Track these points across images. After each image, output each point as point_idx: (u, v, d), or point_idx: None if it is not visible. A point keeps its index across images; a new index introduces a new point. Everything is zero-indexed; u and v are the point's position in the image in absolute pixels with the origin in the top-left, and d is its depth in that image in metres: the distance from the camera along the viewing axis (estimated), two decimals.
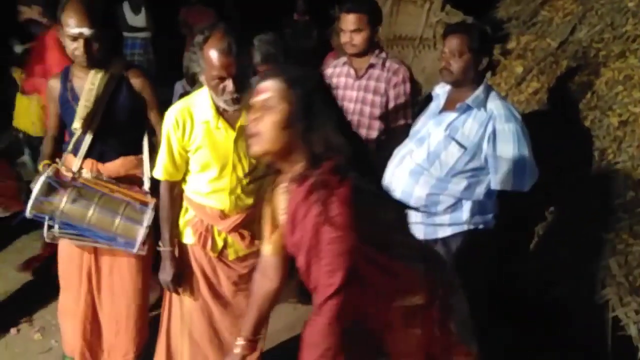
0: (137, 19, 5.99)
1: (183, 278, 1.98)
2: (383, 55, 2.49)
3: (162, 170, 1.89)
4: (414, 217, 2.12)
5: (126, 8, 6.00)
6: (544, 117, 2.82)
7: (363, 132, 2.43)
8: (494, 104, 2.10)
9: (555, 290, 2.30)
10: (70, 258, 2.19)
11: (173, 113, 1.83)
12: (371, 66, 2.46)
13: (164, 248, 1.96)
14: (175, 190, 1.95)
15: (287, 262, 1.51)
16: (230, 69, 1.68)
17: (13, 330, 2.78)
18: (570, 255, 2.34)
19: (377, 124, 2.46)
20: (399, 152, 2.25)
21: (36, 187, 1.92)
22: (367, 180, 1.29)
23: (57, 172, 2.02)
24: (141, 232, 1.98)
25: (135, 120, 2.09)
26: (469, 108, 2.10)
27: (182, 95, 5.53)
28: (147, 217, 2.00)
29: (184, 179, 1.94)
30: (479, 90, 2.11)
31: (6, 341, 2.70)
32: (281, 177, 1.38)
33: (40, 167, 2.08)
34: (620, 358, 2.14)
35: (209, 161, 1.82)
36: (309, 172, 1.25)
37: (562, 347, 2.32)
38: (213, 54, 1.67)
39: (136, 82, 2.06)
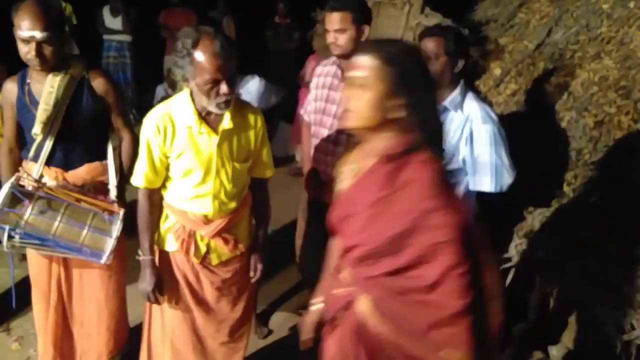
0: (114, 22, 5.97)
1: (164, 286, 1.95)
2: None
3: (142, 178, 1.85)
4: None
5: (106, 11, 5.98)
6: (522, 118, 2.86)
7: (344, 137, 2.35)
8: (471, 106, 2.11)
9: (537, 289, 2.33)
10: (39, 267, 2.15)
11: (153, 118, 1.78)
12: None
13: (144, 257, 1.91)
14: (155, 197, 1.91)
15: None
16: (224, 71, 1.65)
17: None
18: (549, 253, 2.36)
19: None
20: None
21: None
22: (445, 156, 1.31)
23: (19, 181, 1.95)
24: (110, 244, 1.95)
25: (98, 124, 2.04)
26: (446, 110, 2.12)
27: (163, 98, 5.51)
28: (116, 228, 1.96)
29: (163, 186, 1.90)
30: (456, 92, 2.13)
31: None
32: (359, 145, 1.39)
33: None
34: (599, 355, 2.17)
35: (192, 167, 1.80)
36: (401, 152, 1.25)
37: (541, 344, 2.35)
38: (206, 58, 1.63)
39: (98, 84, 2.00)
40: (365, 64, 1.28)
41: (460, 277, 1.22)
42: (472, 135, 2.08)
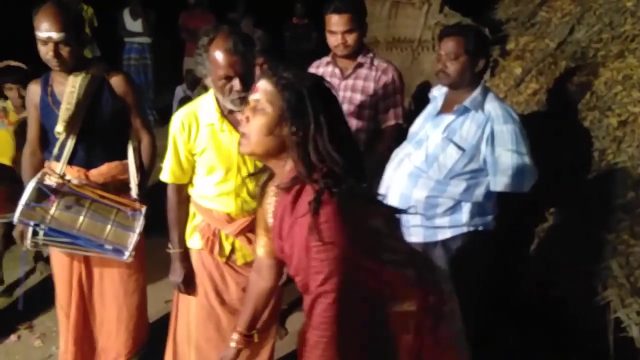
0: (135, 25, 6.05)
1: (193, 280, 1.99)
2: (370, 54, 2.42)
3: (169, 173, 1.91)
4: (412, 220, 2.11)
5: (126, 14, 6.06)
6: (543, 118, 2.81)
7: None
8: (492, 105, 2.09)
9: (556, 292, 2.29)
10: (61, 266, 2.19)
11: (179, 117, 1.85)
12: (359, 65, 2.38)
13: (174, 250, 1.97)
14: (183, 193, 1.96)
15: (281, 263, 1.51)
16: (237, 68, 1.69)
17: (13, 337, 2.79)
18: (571, 256, 2.32)
19: (365, 125, 2.39)
20: (397, 155, 2.24)
21: (26, 193, 1.92)
22: (359, 186, 1.27)
23: (44, 178, 2.00)
24: (133, 239, 1.98)
25: (118, 124, 2.09)
26: (466, 110, 2.10)
27: (182, 99, 5.59)
28: (139, 224, 2.00)
29: (191, 183, 1.95)
30: (477, 92, 2.11)
31: (6, 348, 2.71)
32: (274, 179, 1.38)
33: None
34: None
35: (214, 164, 1.84)
36: (298, 179, 1.24)
37: (564, 349, 2.30)
38: (219, 54, 1.69)
39: (118, 84, 2.05)
40: (260, 88, 1.28)
41: (326, 306, 1.22)
42: (493, 135, 2.05)
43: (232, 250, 1.95)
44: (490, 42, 2.69)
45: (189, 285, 1.98)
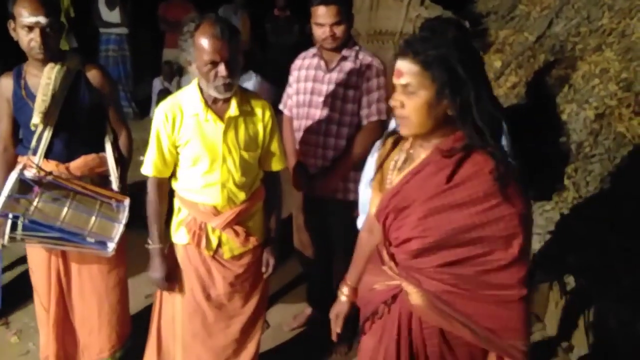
0: (111, 15, 5.92)
1: (174, 276, 1.95)
2: (356, 47, 2.36)
3: (151, 166, 1.87)
4: None
5: (101, 4, 5.93)
6: (522, 111, 2.84)
7: (334, 128, 2.33)
8: None
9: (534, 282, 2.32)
10: (39, 261, 2.14)
11: (163, 109, 1.83)
12: (343, 58, 2.32)
13: (153, 245, 1.92)
14: (164, 187, 1.92)
15: None
16: (223, 53, 1.68)
17: None
18: (549, 247, 2.36)
19: (348, 120, 2.33)
20: (378, 150, 2.22)
21: (8, 184, 1.86)
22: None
23: (24, 171, 1.94)
24: (119, 230, 1.95)
25: (95, 116, 2.05)
26: None
27: (160, 91, 5.51)
28: (125, 215, 1.97)
29: (175, 177, 1.91)
30: None
31: None
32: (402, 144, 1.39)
33: None
34: None
35: (199, 154, 1.81)
36: (467, 146, 1.25)
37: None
38: (205, 39, 1.68)
39: (94, 77, 2.02)
40: (406, 71, 1.24)
41: (523, 267, 1.25)
42: None
43: (219, 244, 1.92)
44: (471, 35, 2.70)
45: (169, 281, 1.95)
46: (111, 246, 1.97)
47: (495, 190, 1.22)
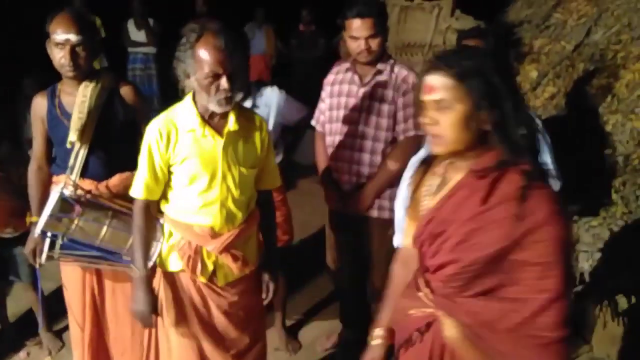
0: (139, 35, 6.03)
1: (165, 307, 1.84)
2: (391, 61, 2.32)
3: (142, 188, 1.77)
4: None
5: (130, 24, 6.05)
6: (563, 122, 2.73)
7: (368, 143, 2.27)
8: None
9: (582, 305, 2.20)
10: (73, 282, 2.15)
11: (156, 125, 1.75)
12: (378, 72, 2.28)
13: (140, 274, 1.81)
14: (152, 211, 1.84)
15: None
16: (226, 65, 1.62)
17: (22, 354, 2.75)
18: (598, 265, 2.23)
19: (383, 135, 2.27)
20: (414, 165, 2.16)
21: (50, 203, 1.88)
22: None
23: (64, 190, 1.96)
24: (157, 248, 1.92)
25: (129, 135, 2.05)
26: None
27: None
28: (161, 234, 1.94)
29: (166, 199, 1.83)
30: None
31: None
32: (437, 161, 1.33)
33: (30, 219, 2.03)
34: None
35: (197, 172, 1.73)
36: (503, 163, 1.19)
37: None
38: (207, 51, 1.61)
39: (128, 95, 2.05)
40: (439, 85, 1.20)
41: (562, 308, 1.16)
42: None
43: (214, 270, 1.82)
44: (506, 45, 2.62)
45: (154, 313, 1.83)
46: (149, 264, 1.94)
47: (534, 210, 1.13)
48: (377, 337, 1.51)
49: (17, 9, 5.59)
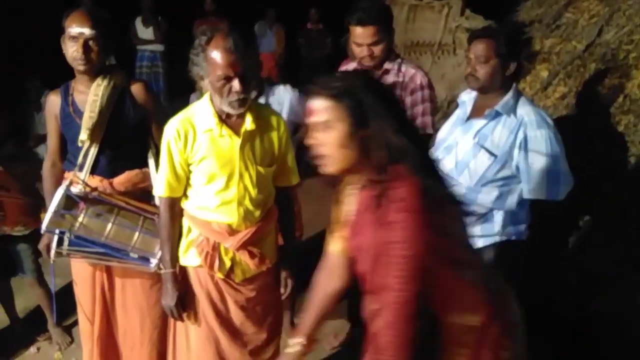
0: (146, 32, 6.05)
1: (187, 302, 1.87)
2: (398, 60, 2.30)
3: (164, 186, 1.80)
4: None
5: (138, 22, 6.07)
6: (574, 122, 2.72)
7: None
8: (525, 110, 2.00)
9: (596, 304, 2.19)
10: (83, 277, 2.15)
11: (174, 124, 1.76)
12: (385, 72, 2.26)
13: (166, 270, 1.85)
14: (176, 208, 1.86)
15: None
16: (237, 67, 1.62)
17: (33, 349, 2.76)
18: (609, 265, 2.22)
19: None
20: None
21: (55, 200, 1.89)
22: (436, 184, 1.24)
23: (71, 187, 1.97)
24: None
25: (139, 132, 2.07)
26: (498, 114, 2.01)
27: None
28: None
29: (185, 195, 1.84)
30: (508, 96, 2.02)
31: None
32: (350, 178, 1.36)
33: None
34: None
35: (214, 171, 1.74)
36: (376, 178, 1.22)
37: None
38: (218, 53, 1.62)
39: (139, 93, 2.05)
40: (318, 107, 1.26)
41: (397, 308, 1.19)
42: (527, 140, 1.97)
43: (232, 266, 1.83)
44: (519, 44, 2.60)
45: (183, 308, 1.86)
46: (154, 262, 1.96)
47: (398, 226, 1.15)
48: (295, 344, 1.52)
49: (18, 9, 5.61)
